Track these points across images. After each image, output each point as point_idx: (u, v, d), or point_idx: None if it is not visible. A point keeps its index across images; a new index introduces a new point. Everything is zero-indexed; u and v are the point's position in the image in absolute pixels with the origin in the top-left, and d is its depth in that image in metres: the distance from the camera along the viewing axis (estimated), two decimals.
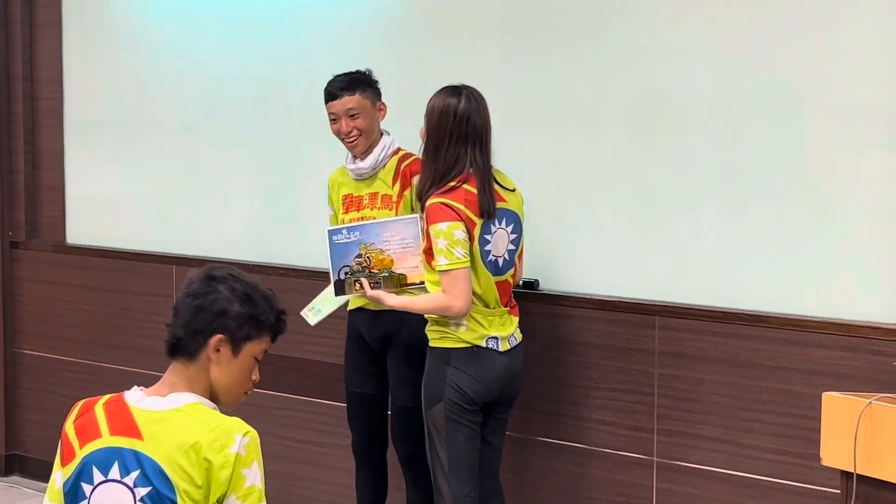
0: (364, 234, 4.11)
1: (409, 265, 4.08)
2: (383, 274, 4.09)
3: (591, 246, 4.45)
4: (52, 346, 5.99)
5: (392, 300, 4.05)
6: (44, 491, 6.31)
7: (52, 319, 5.99)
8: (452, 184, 3.93)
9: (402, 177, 4.33)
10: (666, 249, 4.28)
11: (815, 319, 3.96)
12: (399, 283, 4.10)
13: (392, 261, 4.09)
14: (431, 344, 4.01)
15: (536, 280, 4.51)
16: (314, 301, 4.38)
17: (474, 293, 3.95)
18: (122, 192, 5.88)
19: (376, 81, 4.39)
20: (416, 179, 4.26)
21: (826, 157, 3.97)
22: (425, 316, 4.03)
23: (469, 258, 3.90)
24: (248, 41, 5.36)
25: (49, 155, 6.04)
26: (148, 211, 5.76)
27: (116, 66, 5.84)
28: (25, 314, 6.10)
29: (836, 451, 3.30)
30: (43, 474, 5.94)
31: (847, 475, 3.28)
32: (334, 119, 4.35)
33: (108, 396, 2.79)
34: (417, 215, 4.12)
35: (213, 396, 2.77)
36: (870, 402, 3.22)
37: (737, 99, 4.13)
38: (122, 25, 5.81)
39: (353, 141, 4.33)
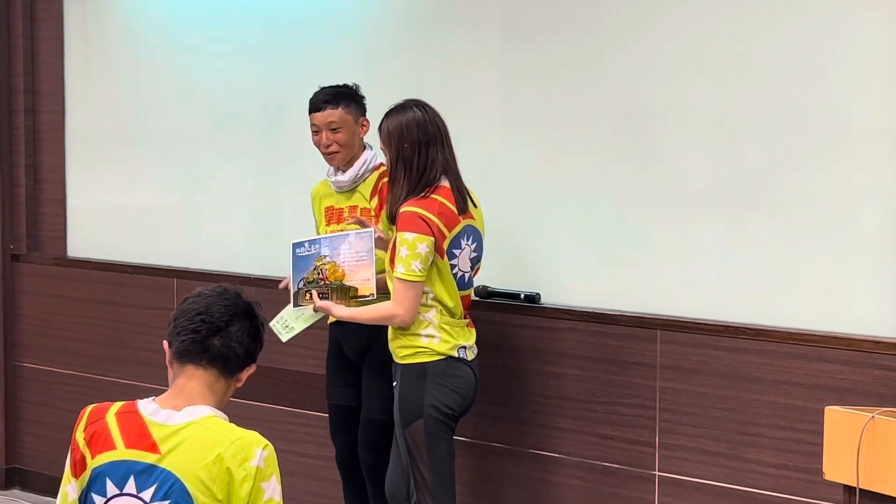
0: (322, 246, 4.17)
1: (361, 277, 4.14)
2: (333, 285, 4.14)
3: (593, 259, 4.44)
4: (53, 359, 5.99)
5: (339, 311, 4.11)
6: None
7: (52, 332, 5.99)
8: (424, 193, 4.00)
9: (379, 192, 4.39)
10: (667, 263, 4.28)
11: (817, 333, 3.95)
12: (350, 296, 4.15)
13: (344, 273, 4.14)
14: (403, 361, 4.05)
15: (538, 294, 4.50)
16: (284, 314, 4.35)
17: (444, 305, 4.04)
18: (124, 204, 5.88)
19: (362, 97, 4.44)
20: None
21: (827, 170, 3.96)
22: (389, 332, 4.09)
23: (425, 274, 3.96)
24: (249, 54, 5.36)
25: (50, 168, 6.04)
26: (149, 224, 5.76)
27: (118, 79, 5.85)
28: (26, 327, 6.09)
29: (838, 466, 3.29)
30: (43, 488, 5.95)
31: (850, 490, 3.27)
32: (316, 130, 4.40)
33: (119, 405, 2.77)
34: (373, 228, 4.20)
35: None
36: (872, 417, 3.21)
37: (737, 112, 4.12)
38: (124, 39, 5.82)
39: (332, 154, 4.38)
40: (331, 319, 4.48)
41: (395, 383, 4.09)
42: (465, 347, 4.08)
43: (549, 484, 4.48)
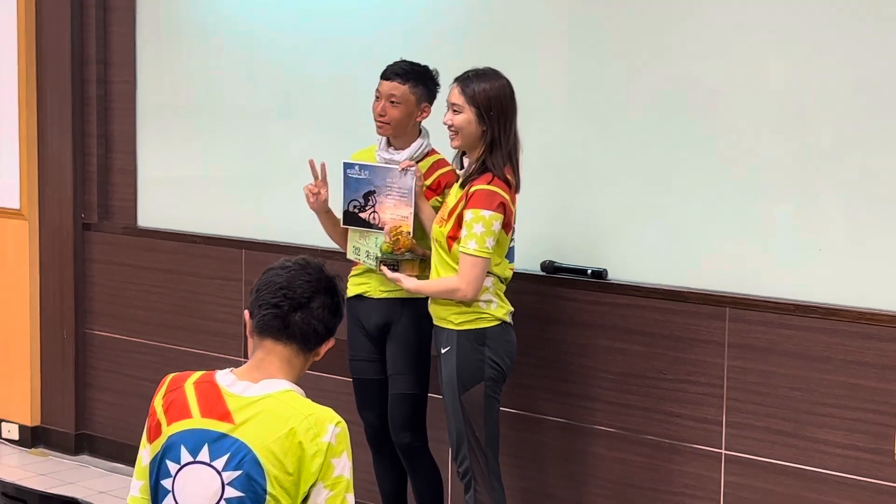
0: (373, 175, 4.33)
1: (402, 214, 4.26)
2: (404, 257, 4.24)
3: (661, 236, 4.41)
4: (123, 327, 6.06)
5: (408, 283, 4.17)
6: (113, 470, 6.37)
7: (122, 301, 6.05)
8: (501, 174, 3.99)
9: (435, 184, 4.38)
10: (737, 241, 4.24)
11: (889, 313, 3.90)
12: (419, 266, 4.25)
13: (410, 241, 4.22)
14: (462, 327, 4.05)
15: (605, 270, 4.48)
16: (358, 244, 4.40)
17: (501, 276, 4.07)
18: (194, 175, 5.92)
19: (437, 85, 4.40)
20: (450, 190, 4.32)
21: None
22: (440, 302, 4.09)
23: (493, 251, 3.98)
24: (320, 26, 5.37)
25: (122, 138, 6.10)
26: (219, 195, 5.80)
27: (189, 51, 5.88)
28: (97, 295, 6.16)
29: None
30: (112, 454, 6.03)
31: None
32: (377, 97, 4.42)
33: (198, 375, 2.80)
34: (416, 167, 4.27)
35: None
36: None
37: (810, 90, 4.07)
38: (195, 9, 5.85)
39: (383, 125, 4.40)
40: (349, 294, 4.46)
41: (444, 349, 4.09)
42: (512, 313, 4.12)
43: (614, 460, 4.47)
